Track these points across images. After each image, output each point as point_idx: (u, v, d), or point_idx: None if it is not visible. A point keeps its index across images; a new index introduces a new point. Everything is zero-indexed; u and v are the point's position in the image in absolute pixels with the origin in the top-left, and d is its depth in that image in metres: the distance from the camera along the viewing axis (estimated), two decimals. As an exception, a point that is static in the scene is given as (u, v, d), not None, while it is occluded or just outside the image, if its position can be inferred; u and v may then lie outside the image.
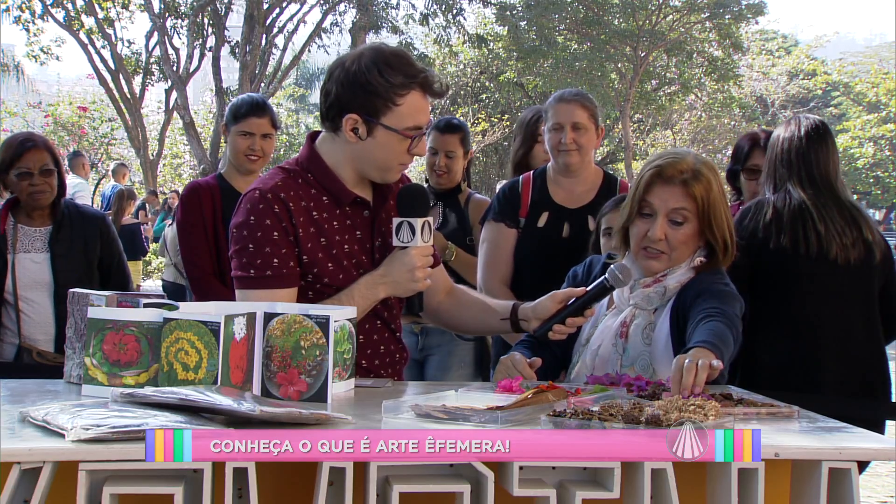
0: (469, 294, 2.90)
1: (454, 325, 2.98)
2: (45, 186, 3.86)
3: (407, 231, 2.53)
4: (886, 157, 30.69)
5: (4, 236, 3.85)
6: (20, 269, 3.85)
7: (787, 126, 3.50)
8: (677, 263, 2.63)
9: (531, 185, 3.98)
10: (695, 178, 2.58)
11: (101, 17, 22.34)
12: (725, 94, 30.68)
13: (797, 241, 3.30)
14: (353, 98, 2.49)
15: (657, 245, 2.60)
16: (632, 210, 2.65)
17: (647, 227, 2.60)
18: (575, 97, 3.88)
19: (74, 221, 3.96)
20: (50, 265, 3.86)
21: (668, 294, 2.63)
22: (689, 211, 2.58)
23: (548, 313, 2.63)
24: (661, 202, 2.59)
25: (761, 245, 3.32)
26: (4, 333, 3.86)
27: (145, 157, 22.84)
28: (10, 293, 3.83)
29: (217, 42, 22.37)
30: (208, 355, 2.12)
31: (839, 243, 3.29)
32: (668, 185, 2.59)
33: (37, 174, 3.84)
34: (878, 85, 31.14)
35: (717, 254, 2.63)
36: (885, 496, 5.63)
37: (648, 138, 32.05)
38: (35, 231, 3.91)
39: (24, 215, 3.93)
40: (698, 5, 27.33)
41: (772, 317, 3.35)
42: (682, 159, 2.61)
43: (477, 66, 30.11)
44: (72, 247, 3.91)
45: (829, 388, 3.28)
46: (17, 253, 3.85)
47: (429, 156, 4.51)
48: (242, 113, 3.97)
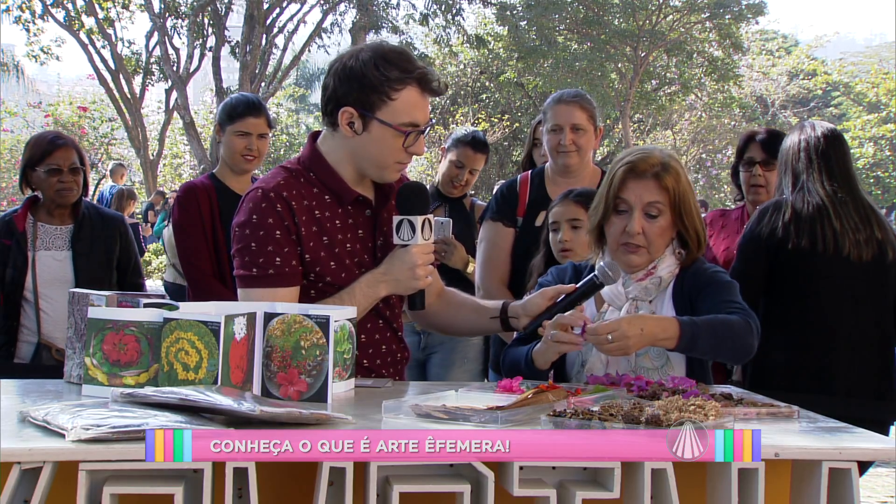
0: (459, 295, 2.91)
1: (445, 327, 2.98)
2: (72, 184, 3.92)
3: (407, 229, 2.53)
4: (886, 157, 30.66)
5: (25, 234, 3.89)
6: (41, 267, 3.89)
7: (801, 130, 3.50)
8: (655, 256, 2.69)
9: (529, 184, 3.99)
10: (665, 170, 2.65)
11: (101, 17, 22.36)
12: (725, 94, 30.66)
13: (815, 240, 3.30)
14: (349, 91, 2.49)
15: (635, 239, 2.65)
16: (606, 208, 2.69)
17: (624, 222, 2.65)
18: (574, 98, 3.88)
19: (95, 221, 4.01)
20: (72, 263, 3.91)
21: (664, 284, 2.69)
22: (663, 203, 2.64)
23: (538, 310, 2.65)
24: (636, 197, 2.64)
25: (779, 245, 3.32)
26: (22, 333, 3.88)
27: (145, 157, 22.86)
28: (30, 290, 3.86)
29: (217, 42, 22.39)
30: (208, 355, 2.12)
31: (852, 239, 3.30)
32: (641, 180, 2.65)
33: (66, 171, 3.90)
34: (878, 85, 31.11)
35: (690, 245, 2.69)
36: (885, 496, 5.63)
37: (648, 138, 32.02)
38: (56, 229, 3.96)
39: (45, 213, 3.97)
40: (698, 5, 27.32)
41: (786, 317, 3.35)
42: (651, 154, 2.68)
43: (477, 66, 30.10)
44: (93, 246, 3.96)
45: (841, 389, 3.28)
46: (38, 250, 3.90)
47: (452, 167, 4.53)
48: (238, 112, 3.95)
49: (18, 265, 3.86)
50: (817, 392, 3.21)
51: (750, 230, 3.42)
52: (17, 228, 3.90)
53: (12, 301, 3.86)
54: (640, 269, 2.69)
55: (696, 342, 2.45)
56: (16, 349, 3.87)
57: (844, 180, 3.40)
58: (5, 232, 3.91)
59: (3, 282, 3.87)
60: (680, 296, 2.68)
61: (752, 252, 3.39)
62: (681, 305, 2.66)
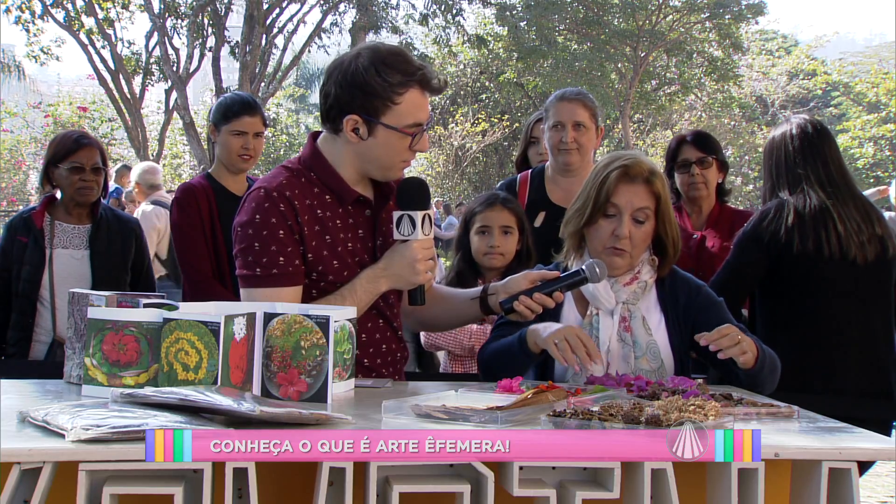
0: (439, 289, 2.91)
1: (427, 322, 3.01)
2: (93, 184, 3.94)
3: (407, 224, 2.53)
4: (886, 157, 30.65)
5: (42, 231, 3.91)
6: (58, 264, 3.90)
7: (786, 126, 3.50)
8: (635, 261, 2.72)
9: (528, 184, 3.98)
10: (654, 175, 2.69)
11: (101, 17, 22.36)
12: (725, 94, 30.69)
13: (820, 244, 3.31)
14: (353, 99, 2.49)
15: (622, 243, 2.67)
16: (594, 211, 2.70)
17: (613, 226, 2.68)
18: (576, 96, 3.88)
19: (111, 223, 4.04)
20: (89, 262, 3.93)
21: (647, 288, 2.74)
22: (651, 209, 2.68)
23: (518, 289, 2.65)
24: (626, 202, 2.66)
25: (783, 248, 3.33)
26: (37, 332, 3.88)
27: (145, 157, 22.83)
28: (47, 288, 3.86)
29: (217, 42, 22.40)
30: (208, 355, 2.12)
31: (857, 241, 3.31)
32: (633, 185, 2.67)
33: (88, 170, 3.91)
34: (878, 85, 31.11)
35: (668, 250, 2.73)
36: (885, 496, 5.62)
37: (648, 138, 32.05)
38: (73, 228, 3.97)
39: (63, 212, 3.98)
40: (698, 5, 27.35)
41: (793, 319, 3.35)
42: (641, 158, 2.72)
43: (477, 66, 30.12)
44: (110, 246, 3.98)
45: (851, 391, 3.28)
46: (55, 248, 3.91)
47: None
48: (234, 112, 3.92)
49: (35, 262, 3.87)
50: (826, 393, 3.21)
51: (751, 229, 3.41)
52: (35, 226, 3.91)
53: (28, 299, 3.87)
54: (622, 273, 2.72)
55: (763, 367, 2.51)
56: (30, 348, 3.87)
57: (841, 178, 3.41)
58: (22, 229, 3.92)
59: (18, 279, 3.88)
60: (665, 302, 2.73)
61: (750, 250, 3.39)
62: (669, 313, 2.72)
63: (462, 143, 29.54)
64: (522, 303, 2.60)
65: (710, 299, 2.75)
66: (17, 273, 3.88)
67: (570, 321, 2.72)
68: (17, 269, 3.88)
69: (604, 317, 2.70)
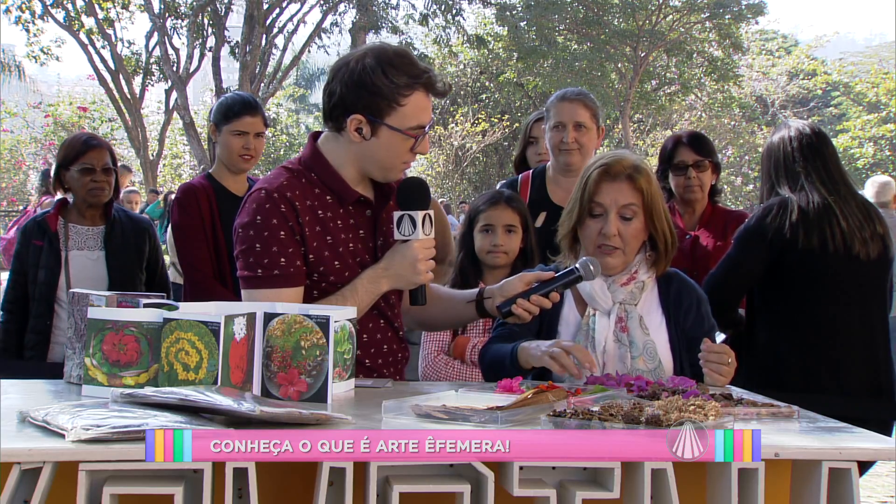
0: (437, 289, 2.91)
1: (424, 322, 3.01)
2: (104, 184, 3.94)
3: (408, 224, 2.53)
4: (886, 157, 30.66)
5: (57, 234, 3.91)
6: (74, 266, 3.89)
7: (784, 131, 3.52)
8: (630, 259, 2.73)
9: (530, 184, 3.98)
10: (637, 172, 2.69)
11: (101, 17, 22.37)
12: (725, 94, 30.69)
13: (825, 240, 3.32)
14: (358, 99, 2.49)
15: (612, 241, 2.68)
16: (581, 212, 2.72)
17: (600, 225, 2.69)
18: (578, 96, 3.88)
19: (125, 223, 4.04)
20: (105, 262, 3.93)
21: (646, 288, 2.74)
22: (637, 205, 2.68)
23: (514, 292, 2.65)
24: (611, 200, 2.68)
25: (788, 243, 3.33)
26: (55, 335, 3.87)
27: (145, 157, 22.86)
28: (64, 290, 3.85)
29: (217, 42, 22.41)
30: (208, 355, 2.12)
31: (860, 238, 3.32)
32: (616, 182, 2.68)
33: (99, 171, 3.92)
34: (878, 85, 31.12)
35: (659, 247, 2.73)
36: (885, 496, 5.62)
37: (648, 138, 32.05)
38: (87, 230, 3.98)
39: (76, 214, 3.99)
40: (698, 5, 27.35)
41: (796, 316, 3.35)
42: (624, 157, 2.73)
43: (477, 67, 30.13)
44: (125, 247, 3.98)
45: (854, 389, 3.29)
46: (71, 250, 3.92)
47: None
48: (235, 112, 3.92)
49: (51, 265, 3.87)
50: (830, 391, 3.22)
51: (754, 224, 3.41)
52: (50, 229, 3.91)
53: (45, 301, 3.86)
54: (618, 272, 2.72)
55: None
56: (48, 350, 3.86)
57: (841, 177, 3.43)
58: (37, 233, 3.92)
59: (35, 282, 3.87)
60: (667, 304, 2.74)
61: (753, 245, 3.39)
62: (671, 314, 2.73)
63: (462, 143, 29.57)
64: (521, 306, 2.60)
65: (708, 321, 2.76)
66: (33, 277, 3.88)
67: (569, 322, 2.74)
68: (34, 273, 3.88)
69: (600, 317, 2.70)
